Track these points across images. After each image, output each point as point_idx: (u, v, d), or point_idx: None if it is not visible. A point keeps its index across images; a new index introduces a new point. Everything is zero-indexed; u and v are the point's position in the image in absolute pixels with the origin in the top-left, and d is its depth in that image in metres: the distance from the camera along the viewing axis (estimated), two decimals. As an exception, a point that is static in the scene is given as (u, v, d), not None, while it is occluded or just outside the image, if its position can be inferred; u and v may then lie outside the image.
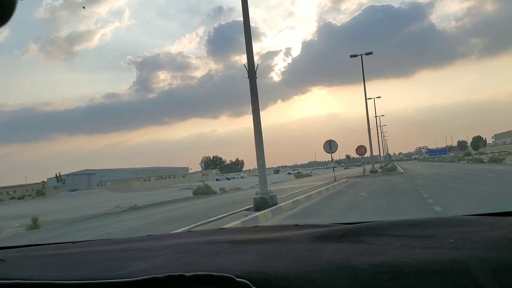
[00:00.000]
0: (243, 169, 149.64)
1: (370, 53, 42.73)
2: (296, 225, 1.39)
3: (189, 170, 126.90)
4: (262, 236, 1.22)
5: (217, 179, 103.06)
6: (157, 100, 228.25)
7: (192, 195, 29.10)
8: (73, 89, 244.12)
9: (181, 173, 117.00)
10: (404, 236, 1.01)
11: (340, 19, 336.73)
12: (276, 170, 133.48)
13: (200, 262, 0.99)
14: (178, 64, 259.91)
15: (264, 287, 0.77)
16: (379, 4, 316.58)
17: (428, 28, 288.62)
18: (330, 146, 28.42)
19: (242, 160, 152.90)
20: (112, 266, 1.03)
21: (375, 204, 13.37)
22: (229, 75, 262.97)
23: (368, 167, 44.90)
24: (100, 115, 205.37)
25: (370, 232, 1.07)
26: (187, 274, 0.78)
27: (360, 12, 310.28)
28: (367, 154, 41.69)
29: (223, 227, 5.91)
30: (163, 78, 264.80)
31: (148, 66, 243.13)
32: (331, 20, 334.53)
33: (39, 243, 1.61)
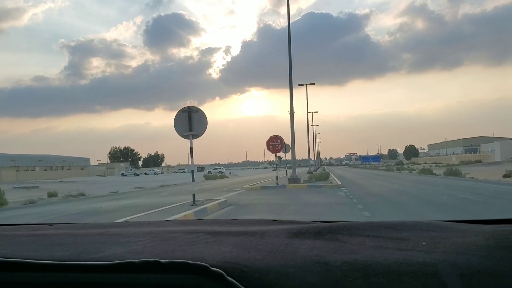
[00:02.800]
0: (163, 164, 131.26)
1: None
2: (274, 220, 1.37)
3: (93, 162, 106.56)
4: (240, 229, 1.21)
5: (122, 174, 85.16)
6: (89, 87, 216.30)
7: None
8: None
9: (81, 164, 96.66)
10: (379, 237, 1.01)
11: (280, 22, 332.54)
12: (201, 168, 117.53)
13: (176, 250, 0.98)
14: (113, 51, 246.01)
15: (239, 278, 0.77)
16: (319, 12, 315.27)
17: (363, 40, 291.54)
18: (190, 123, 12.15)
19: (162, 154, 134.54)
20: (87, 249, 1.02)
21: None
22: (165, 68, 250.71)
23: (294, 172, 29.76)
24: (28, 99, 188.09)
25: (346, 231, 1.06)
26: (162, 260, 0.78)
27: (300, 17, 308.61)
28: (287, 155, 26.28)
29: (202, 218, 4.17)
30: (97, 65, 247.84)
31: (81, 51, 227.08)
32: (270, 22, 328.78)
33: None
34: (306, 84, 49.45)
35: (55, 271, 0.82)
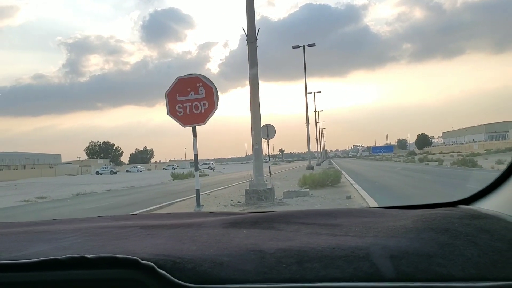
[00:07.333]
0: (152, 160, 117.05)
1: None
2: (211, 212, 1.36)
3: (73, 159, 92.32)
4: (176, 221, 1.18)
5: (97, 173, 71.26)
6: (89, 84, 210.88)
7: None
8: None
9: (50, 161, 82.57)
10: (314, 224, 1.04)
11: (276, 14, 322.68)
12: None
13: (106, 245, 0.94)
14: (111, 48, 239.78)
15: (171, 269, 0.76)
16: (316, 3, 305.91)
17: (363, 30, 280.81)
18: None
19: (152, 150, 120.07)
20: (10, 247, 0.97)
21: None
22: (164, 63, 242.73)
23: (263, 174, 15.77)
24: (28, 97, 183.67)
25: (282, 219, 1.08)
26: (89, 256, 0.75)
27: (298, 9, 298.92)
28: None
29: (136, 212, 3.64)
30: (95, 62, 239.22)
31: (78, 48, 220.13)
32: (267, 15, 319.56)
33: None
34: (304, 46, 34.74)
35: None
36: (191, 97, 7.96)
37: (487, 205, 1.12)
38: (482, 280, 0.73)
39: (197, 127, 8.27)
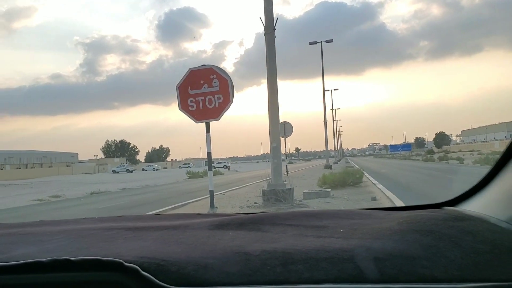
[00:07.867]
0: (168, 159, 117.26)
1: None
2: (198, 213, 1.35)
3: (90, 157, 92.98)
4: (163, 223, 1.18)
5: (113, 171, 71.55)
6: (105, 83, 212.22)
7: None
8: (14, 68, 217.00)
9: (68, 160, 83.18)
10: (300, 225, 1.03)
11: (292, 13, 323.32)
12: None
13: (92, 248, 0.94)
14: (127, 47, 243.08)
15: (155, 272, 0.76)
16: (332, 1, 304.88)
17: (379, 28, 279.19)
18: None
19: (167, 148, 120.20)
20: None
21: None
22: (180, 63, 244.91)
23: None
24: (46, 96, 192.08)
25: (268, 221, 1.08)
26: (73, 258, 0.75)
27: (313, 7, 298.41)
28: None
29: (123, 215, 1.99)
30: (112, 62, 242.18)
31: (95, 48, 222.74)
32: (282, 13, 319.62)
33: None
34: (321, 42, 33.92)
35: None
36: (204, 90, 7.23)
37: (471, 206, 1.11)
38: (464, 281, 0.73)
39: (210, 123, 7.65)
